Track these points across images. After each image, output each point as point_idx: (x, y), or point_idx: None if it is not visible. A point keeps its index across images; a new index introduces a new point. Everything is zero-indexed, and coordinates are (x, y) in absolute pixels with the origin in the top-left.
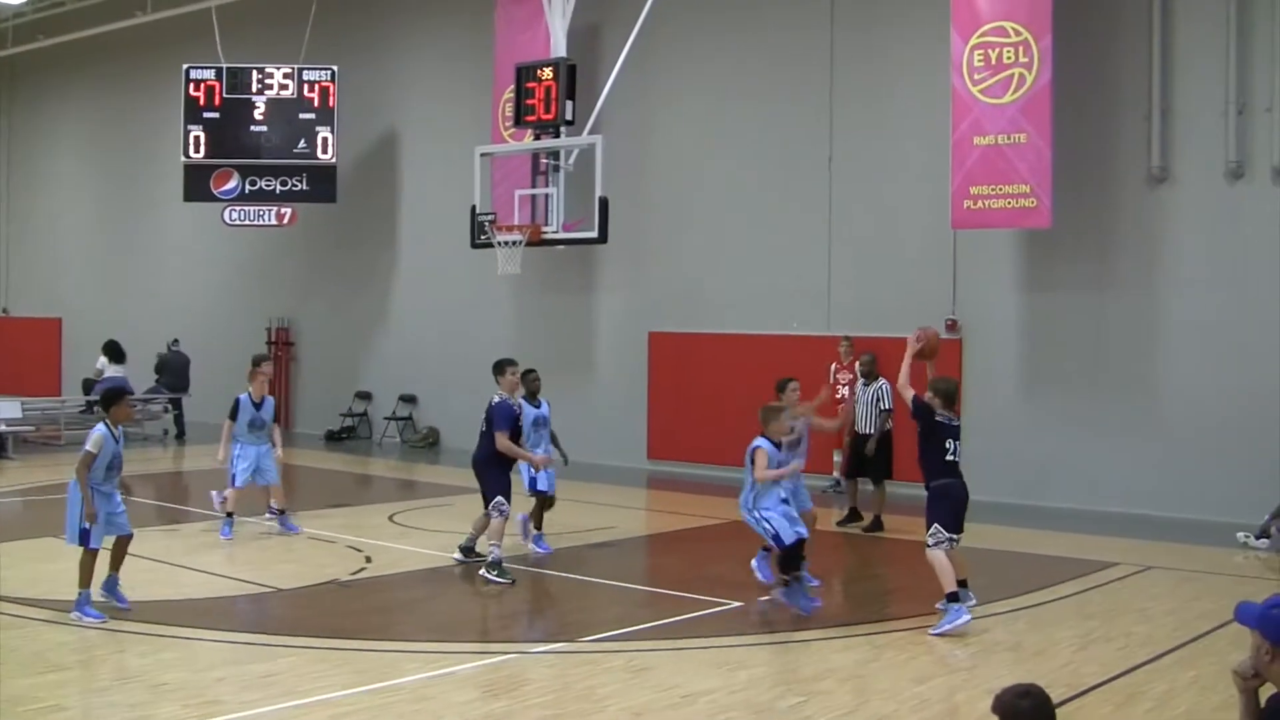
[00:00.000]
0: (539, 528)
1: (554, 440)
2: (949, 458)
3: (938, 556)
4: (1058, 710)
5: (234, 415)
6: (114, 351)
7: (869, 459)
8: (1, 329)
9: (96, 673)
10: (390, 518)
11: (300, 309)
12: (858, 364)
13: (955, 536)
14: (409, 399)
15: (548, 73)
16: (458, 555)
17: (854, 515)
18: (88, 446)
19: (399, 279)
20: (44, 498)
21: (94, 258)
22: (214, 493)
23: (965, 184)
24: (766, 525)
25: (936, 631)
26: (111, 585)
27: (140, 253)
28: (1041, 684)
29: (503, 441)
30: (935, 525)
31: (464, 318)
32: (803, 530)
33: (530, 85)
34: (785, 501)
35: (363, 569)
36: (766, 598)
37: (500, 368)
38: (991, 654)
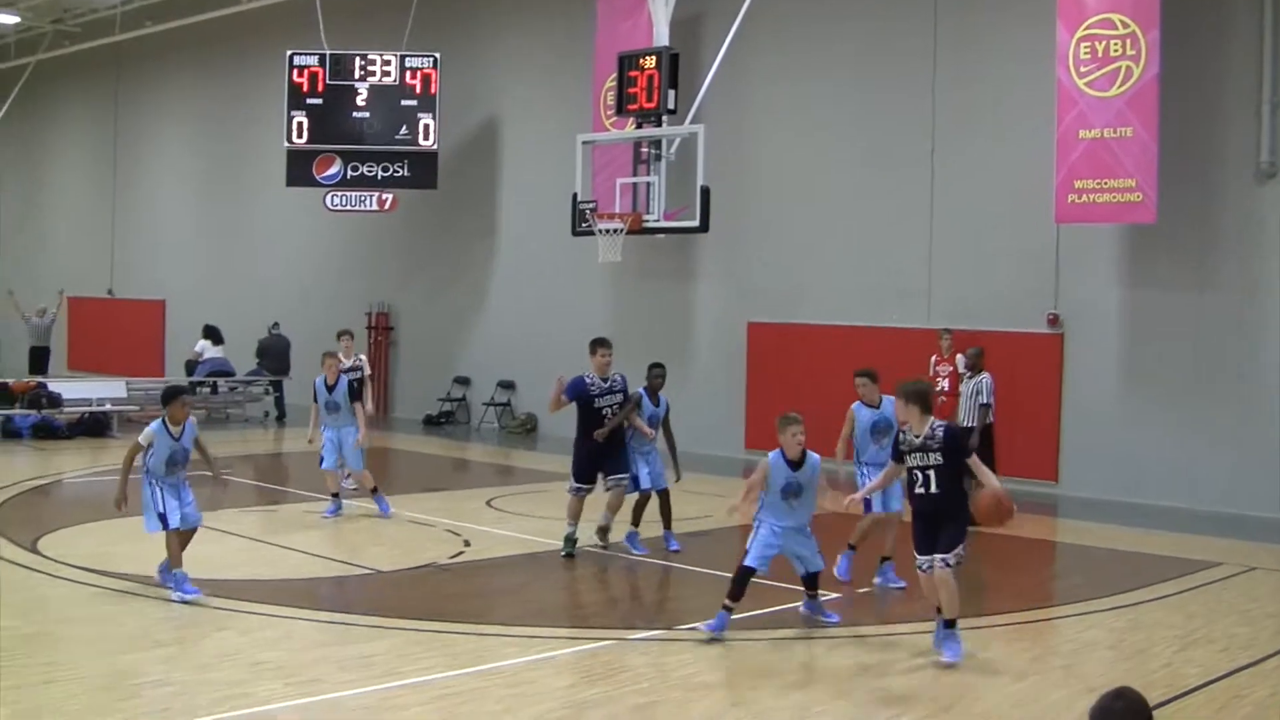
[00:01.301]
0: (668, 526)
1: (671, 448)
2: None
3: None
4: (1157, 712)
5: (316, 399)
6: (214, 334)
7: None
8: (107, 311)
9: (198, 649)
10: (488, 502)
11: (400, 294)
12: (962, 356)
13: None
14: (507, 385)
15: (650, 62)
16: (596, 539)
17: None
18: (139, 438)
19: (498, 265)
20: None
21: (197, 241)
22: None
23: (1069, 178)
24: (753, 534)
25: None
26: (165, 568)
27: (242, 237)
28: (1140, 684)
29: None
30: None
31: (563, 305)
32: (761, 566)
33: (632, 74)
34: (799, 529)
35: (461, 553)
36: (797, 604)
37: (591, 346)
38: (1091, 652)
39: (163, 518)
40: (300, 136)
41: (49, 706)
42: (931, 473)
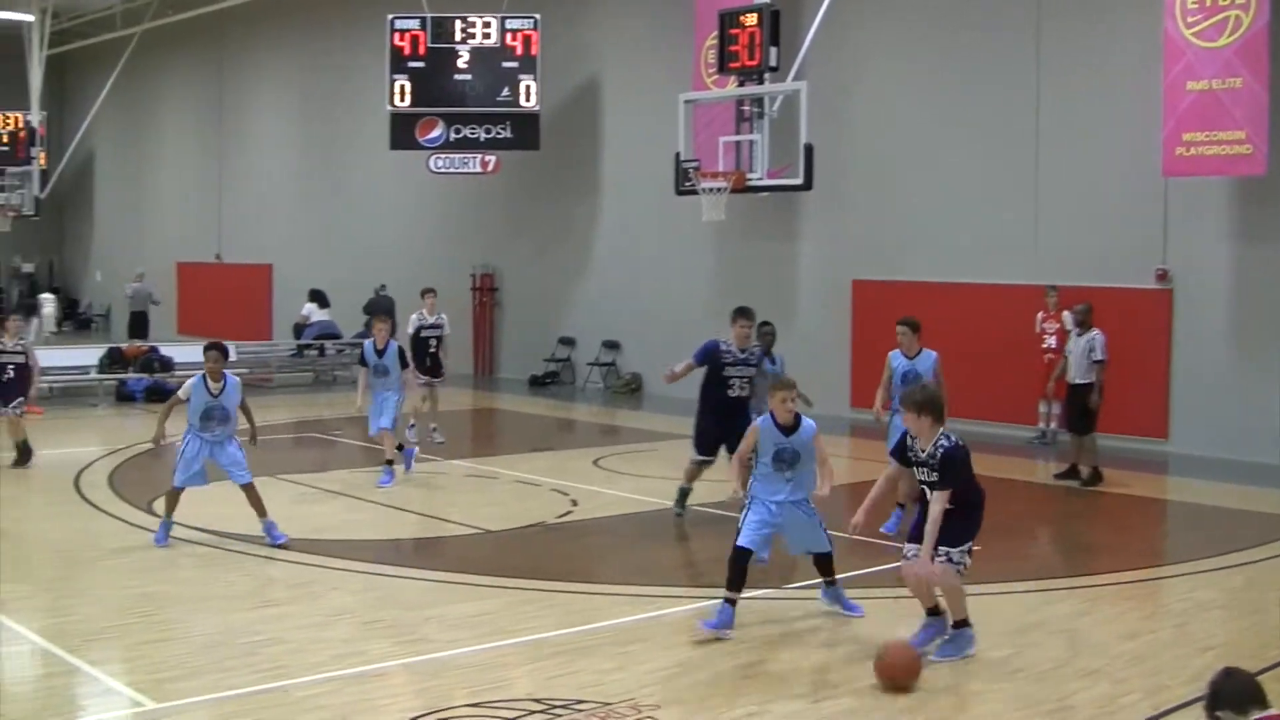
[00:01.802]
0: None
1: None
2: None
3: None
4: (1271, 671)
5: (363, 362)
6: (320, 298)
7: (1078, 411)
8: (215, 275)
9: (312, 608)
10: (595, 462)
11: (503, 255)
12: (1070, 313)
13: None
14: (612, 345)
15: (751, 19)
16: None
17: (1074, 470)
18: (178, 391)
19: (601, 225)
20: (258, 438)
21: (302, 206)
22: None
23: (1177, 130)
24: (744, 510)
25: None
26: (269, 528)
27: (346, 200)
28: (1254, 644)
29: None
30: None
31: (666, 264)
32: (763, 553)
33: (734, 31)
34: (797, 504)
35: (569, 512)
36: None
37: (732, 315)
38: (1204, 611)
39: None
40: (403, 100)
41: (169, 663)
42: (931, 489)
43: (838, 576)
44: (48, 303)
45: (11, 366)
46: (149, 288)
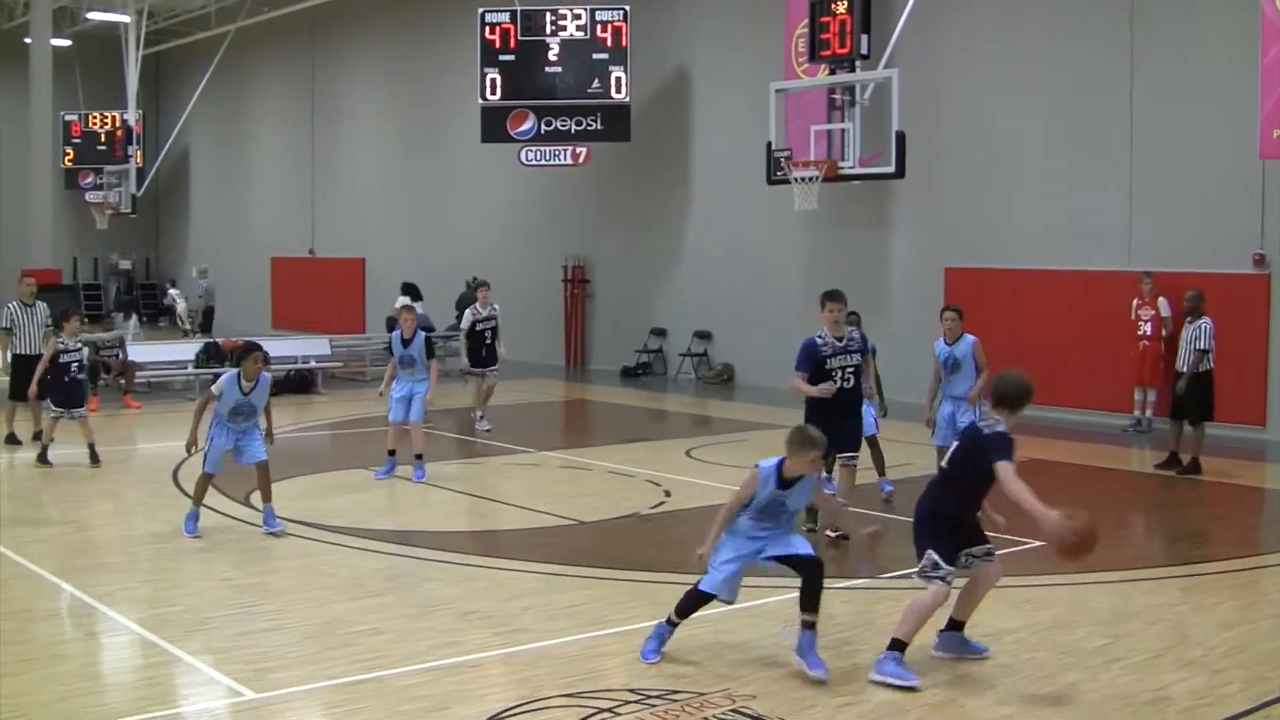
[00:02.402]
0: (882, 473)
1: (877, 387)
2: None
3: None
4: None
5: (390, 352)
6: (412, 291)
7: (1184, 399)
8: (309, 269)
9: (409, 599)
10: (687, 453)
11: (595, 247)
12: (1163, 300)
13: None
14: (704, 335)
15: (842, 6)
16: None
17: (1174, 459)
18: (212, 387)
19: (692, 216)
20: (352, 431)
21: (394, 200)
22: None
23: (1275, 112)
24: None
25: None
26: (268, 515)
27: (438, 194)
28: None
29: (794, 381)
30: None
31: (758, 254)
32: (728, 595)
33: (825, 20)
34: (758, 538)
35: (662, 503)
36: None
37: (820, 301)
38: None
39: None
40: (494, 93)
41: (271, 653)
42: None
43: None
44: (178, 299)
45: (75, 365)
46: (209, 284)
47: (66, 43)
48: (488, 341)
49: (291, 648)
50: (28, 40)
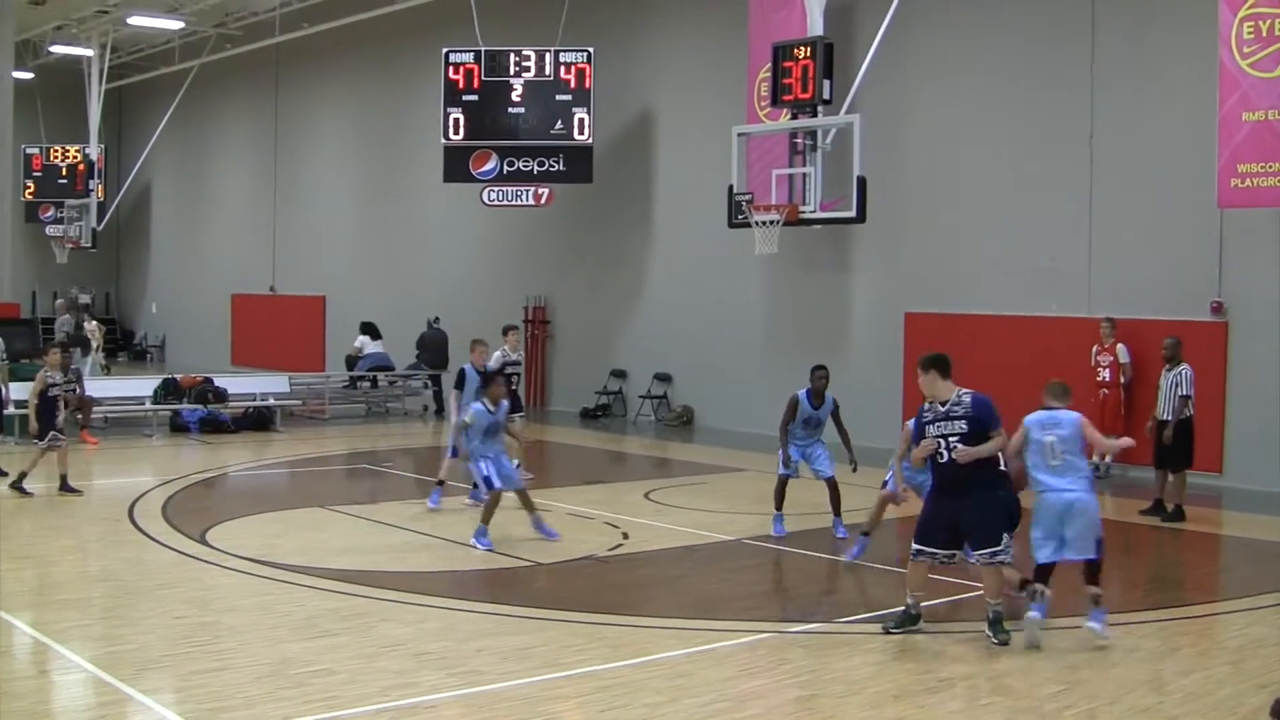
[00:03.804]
0: (838, 514)
1: (845, 440)
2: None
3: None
4: None
5: (459, 385)
6: (371, 330)
7: (1169, 447)
8: (269, 306)
9: (363, 639)
10: (646, 495)
11: (557, 287)
12: (1123, 346)
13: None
14: (664, 377)
15: (804, 52)
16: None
17: (1158, 505)
18: (465, 416)
19: (654, 258)
20: (310, 469)
21: (356, 238)
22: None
23: (1232, 161)
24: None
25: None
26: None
27: (400, 232)
28: None
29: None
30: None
31: (719, 297)
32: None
33: (787, 64)
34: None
35: (620, 545)
36: None
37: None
38: (1260, 648)
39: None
40: (457, 133)
41: (224, 693)
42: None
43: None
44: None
45: (60, 400)
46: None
47: (29, 75)
48: (513, 386)
49: (244, 687)
50: None
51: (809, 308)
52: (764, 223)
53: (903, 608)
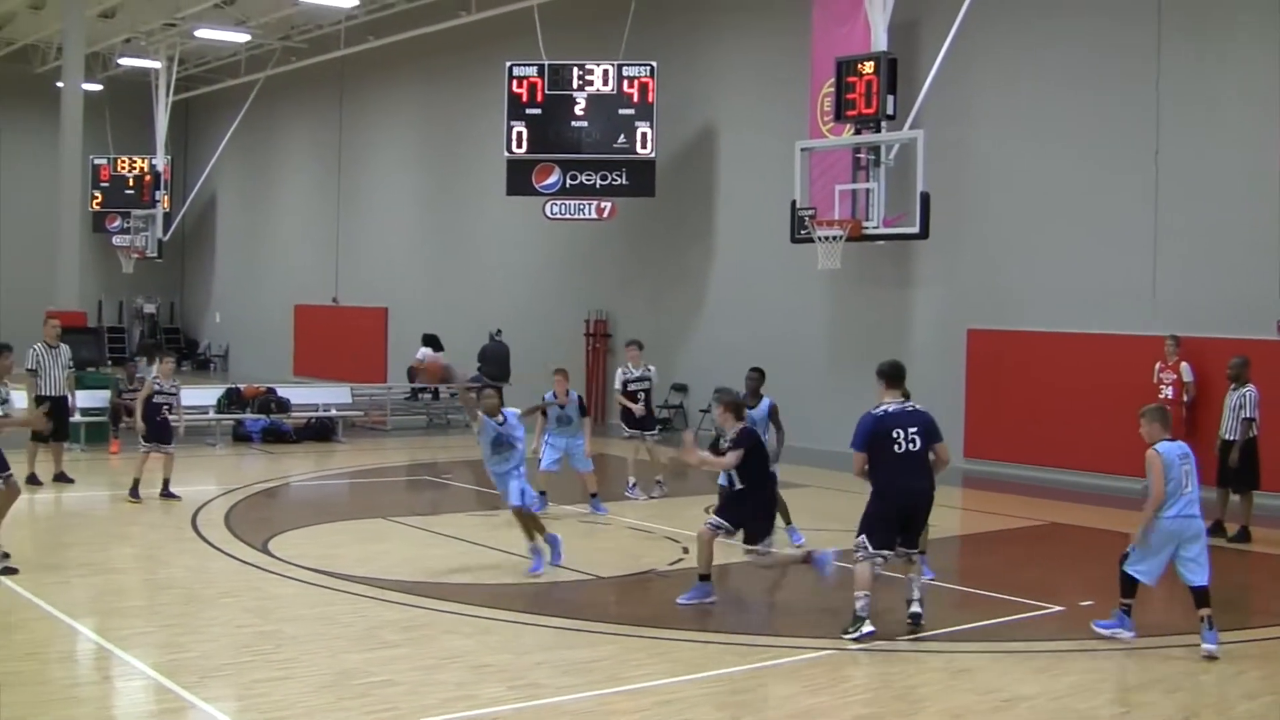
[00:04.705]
0: (788, 522)
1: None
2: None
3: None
4: None
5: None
6: (433, 342)
7: (1235, 468)
8: (332, 318)
9: (424, 651)
10: (706, 509)
11: (618, 301)
12: (1188, 365)
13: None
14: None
15: (869, 67)
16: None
17: (1219, 526)
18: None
19: (716, 272)
20: (371, 480)
21: (418, 250)
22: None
23: None
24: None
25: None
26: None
27: (462, 245)
28: None
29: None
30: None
31: (780, 312)
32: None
33: (851, 80)
34: None
35: (680, 560)
36: None
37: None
38: None
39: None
40: (520, 146)
41: (285, 702)
42: None
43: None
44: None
45: (165, 406)
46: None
47: (97, 88)
48: (636, 401)
49: (305, 696)
50: (59, 84)
51: (870, 323)
52: (827, 238)
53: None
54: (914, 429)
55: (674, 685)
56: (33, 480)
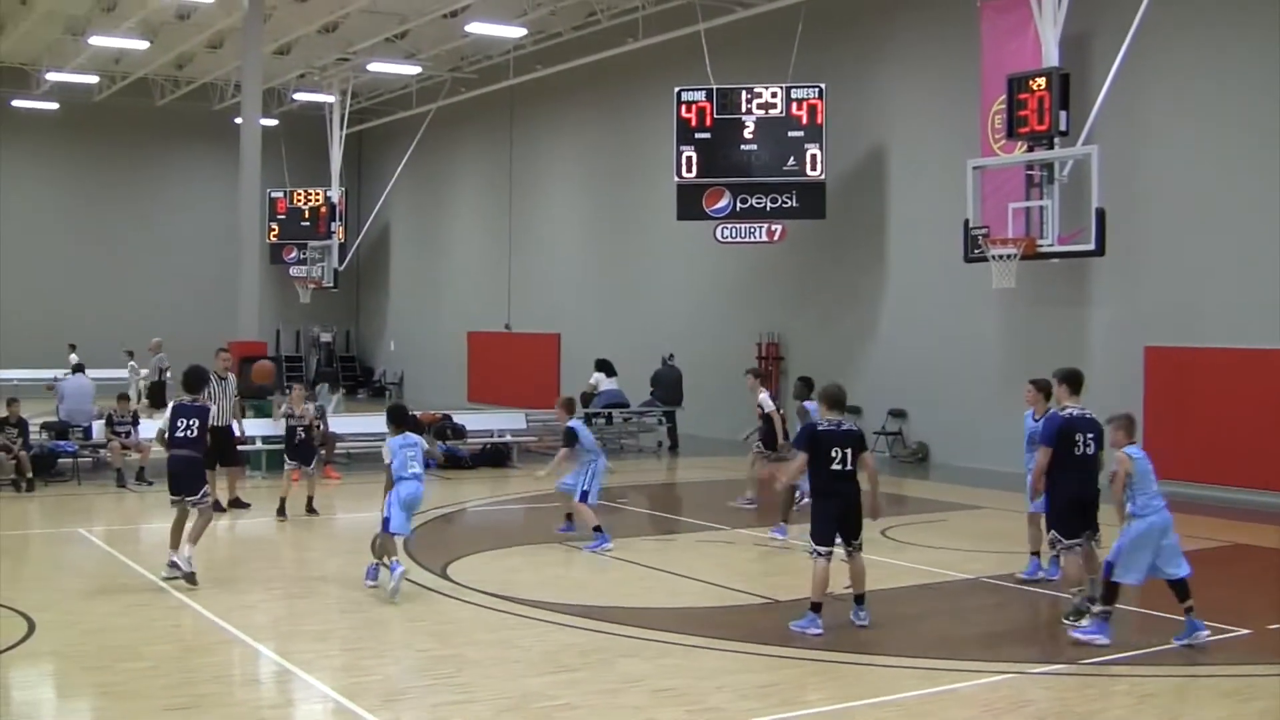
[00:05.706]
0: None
1: None
2: (834, 466)
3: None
4: None
5: (569, 443)
6: (606, 367)
7: None
8: (505, 344)
9: (603, 675)
10: (883, 532)
11: (790, 323)
12: None
13: (822, 549)
14: (898, 414)
15: (1040, 83)
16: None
17: None
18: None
19: (888, 293)
20: (547, 506)
21: (588, 275)
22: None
23: None
24: None
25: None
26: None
27: (632, 270)
28: None
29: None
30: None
31: (954, 332)
32: None
33: (1022, 96)
34: None
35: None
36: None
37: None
38: None
39: None
40: (690, 171)
41: None
42: None
43: None
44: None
45: (300, 430)
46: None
47: (273, 122)
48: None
49: None
50: (238, 120)
51: (1045, 343)
52: (1001, 256)
53: None
54: (1091, 435)
55: (851, 709)
56: (215, 506)
